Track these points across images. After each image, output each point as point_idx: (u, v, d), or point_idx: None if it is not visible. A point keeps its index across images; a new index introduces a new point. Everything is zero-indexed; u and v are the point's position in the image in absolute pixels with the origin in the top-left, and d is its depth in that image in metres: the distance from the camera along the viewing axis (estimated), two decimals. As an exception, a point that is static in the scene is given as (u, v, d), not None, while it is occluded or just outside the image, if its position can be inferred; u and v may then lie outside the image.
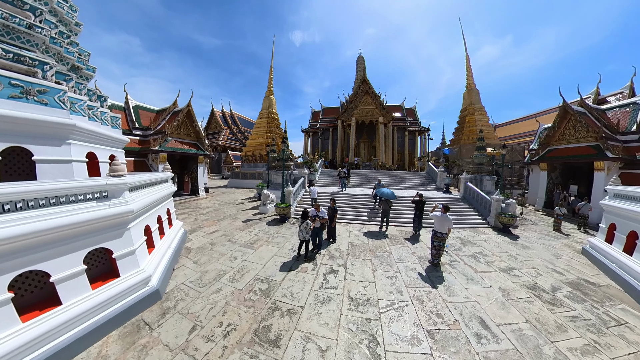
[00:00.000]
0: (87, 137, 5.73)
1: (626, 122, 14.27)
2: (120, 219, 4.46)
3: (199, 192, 18.95)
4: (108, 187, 4.30)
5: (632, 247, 6.46)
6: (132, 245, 4.78)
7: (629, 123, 14.13)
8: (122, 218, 4.47)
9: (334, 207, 9.00)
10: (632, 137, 13.47)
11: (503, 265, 7.07)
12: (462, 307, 4.95)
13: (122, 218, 4.47)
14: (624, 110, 15.10)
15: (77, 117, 5.47)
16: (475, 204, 13.72)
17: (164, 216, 7.03)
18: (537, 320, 4.60)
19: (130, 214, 4.52)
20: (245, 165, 29.24)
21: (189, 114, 18.23)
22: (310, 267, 6.74)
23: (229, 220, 11.71)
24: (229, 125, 48.27)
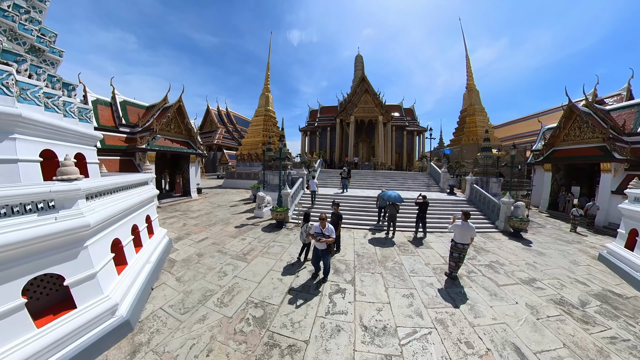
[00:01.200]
0: (43, 131, 4.66)
1: (631, 123, 13.84)
2: (73, 235, 3.43)
3: (190, 193, 17.80)
4: (54, 196, 3.27)
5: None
6: (92, 268, 3.75)
7: (634, 124, 13.71)
8: (75, 234, 3.44)
9: (338, 212, 8.01)
10: (638, 139, 13.08)
11: (524, 276, 6.50)
12: (491, 331, 4.28)
13: (75, 234, 3.44)
14: (629, 111, 14.60)
15: (27, 106, 4.40)
16: (483, 206, 13.10)
17: (141, 225, 5.98)
18: (575, 344, 4.07)
19: (86, 228, 3.49)
20: (241, 165, 28.12)
21: (179, 110, 17.06)
22: (313, 286, 5.76)
23: (221, 226, 10.65)
24: (224, 123, 46.96)
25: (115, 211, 4.36)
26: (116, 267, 4.61)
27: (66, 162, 3.39)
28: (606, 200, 12.89)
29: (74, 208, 3.44)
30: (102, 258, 4.06)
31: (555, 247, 9.10)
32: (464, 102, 31.40)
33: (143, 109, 18.19)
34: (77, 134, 5.57)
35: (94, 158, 6.29)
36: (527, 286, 6.00)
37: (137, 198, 5.56)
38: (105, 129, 15.18)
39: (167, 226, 10.21)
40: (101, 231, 4.06)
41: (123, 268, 4.85)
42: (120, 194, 4.97)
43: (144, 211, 6.30)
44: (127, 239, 5.02)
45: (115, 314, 3.99)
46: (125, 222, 5.04)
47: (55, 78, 5.73)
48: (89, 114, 6.29)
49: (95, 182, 3.97)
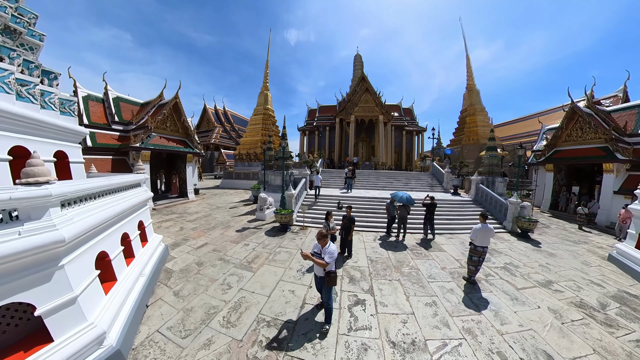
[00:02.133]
0: (12, 124, 3.87)
1: (632, 125, 13.90)
2: (44, 253, 2.68)
3: (187, 194, 16.92)
4: (16, 204, 2.52)
5: None
6: (71, 291, 3.01)
7: (635, 125, 13.76)
8: (46, 252, 2.70)
9: (351, 216, 7.43)
10: (639, 140, 13.16)
11: (540, 279, 6.39)
12: (520, 338, 4.11)
13: (46, 252, 2.70)
14: (629, 113, 14.64)
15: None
16: (489, 207, 12.82)
17: (133, 233, 5.21)
18: (604, 348, 3.97)
19: (60, 244, 2.75)
20: (239, 165, 27.25)
21: (176, 107, 16.18)
22: None
23: (221, 230, 9.89)
24: (222, 123, 45.92)
25: (100, 219, 3.61)
26: (103, 284, 3.87)
27: (33, 161, 2.63)
28: (608, 200, 12.96)
29: (44, 219, 2.69)
30: (85, 277, 3.32)
31: (564, 247, 8.99)
32: (464, 102, 31.07)
33: (137, 106, 17.24)
34: (58, 129, 4.78)
35: (78, 156, 5.50)
36: (545, 289, 5.87)
37: (128, 202, 4.80)
38: (97, 127, 14.25)
39: (162, 231, 9.41)
40: (82, 245, 3.32)
41: (112, 285, 4.10)
42: (107, 198, 4.21)
43: (137, 217, 5.53)
44: (116, 251, 4.27)
45: (103, 344, 3.27)
46: (114, 231, 4.28)
47: (33, 64, 4.92)
48: (72, 107, 5.49)
49: (74, 186, 3.21)
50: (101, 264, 3.88)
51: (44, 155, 4.50)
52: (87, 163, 11.75)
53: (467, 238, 9.02)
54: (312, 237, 9.46)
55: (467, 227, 10.72)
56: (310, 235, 9.71)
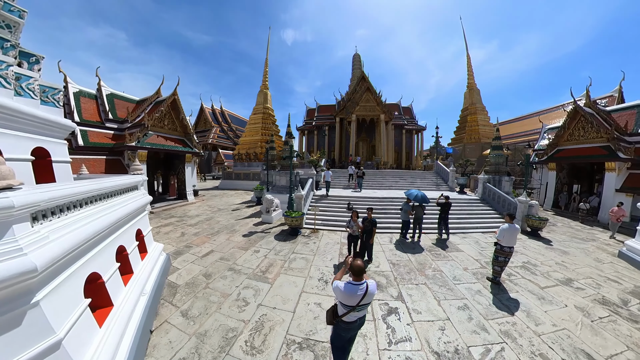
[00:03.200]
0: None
1: (632, 124, 14.11)
2: (7, 289, 1.86)
3: (186, 196, 15.95)
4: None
5: None
6: (53, 334, 2.18)
7: (635, 125, 13.97)
8: (10, 287, 1.87)
9: (372, 218, 6.80)
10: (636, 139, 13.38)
11: (560, 277, 6.35)
12: (557, 338, 4.04)
13: (10, 287, 1.87)
14: (629, 112, 14.84)
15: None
16: (496, 205, 12.71)
17: (131, 244, 4.36)
18: (636, 344, 4.00)
19: (31, 274, 1.92)
20: (239, 165, 26.30)
21: (174, 104, 15.20)
22: None
23: (226, 234, 9.04)
24: (219, 122, 44.74)
25: (88, 234, 2.78)
26: (96, 313, 3.05)
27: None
28: (611, 197, 13.04)
29: (4, 241, 1.86)
30: (71, 311, 2.49)
31: (575, 245, 9.02)
32: (465, 100, 30.70)
33: (133, 103, 16.20)
34: (37, 121, 3.90)
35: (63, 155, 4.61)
36: (567, 287, 5.85)
37: (124, 209, 3.96)
38: (89, 124, 13.21)
39: (162, 237, 8.52)
40: (65, 269, 2.48)
41: (107, 312, 3.27)
42: (97, 205, 3.36)
43: (134, 225, 4.68)
44: (111, 270, 3.43)
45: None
46: (107, 246, 3.44)
47: (8, 43, 4.03)
48: (57, 96, 4.60)
49: (50, 191, 2.35)
50: (92, 288, 3.05)
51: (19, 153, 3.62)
52: (77, 163, 10.75)
53: (480, 237, 9.40)
54: (325, 240, 8.73)
55: (478, 225, 10.84)
56: (323, 238, 8.96)
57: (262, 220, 11.07)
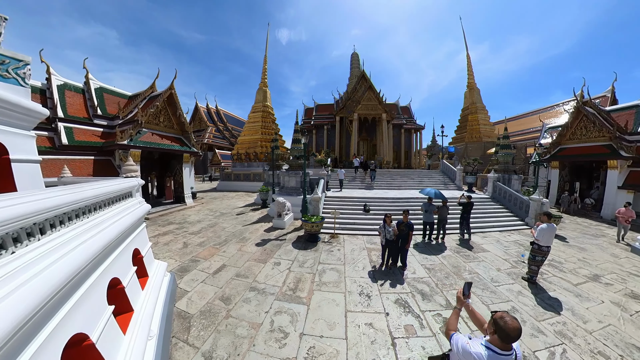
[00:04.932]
0: None
1: (632, 124, 14.39)
2: None
3: (184, 199, 14.46)
4: None
5: None
6: None
7: (635, 124, 14.26)
8: None
9: (408, 221, 6.01)
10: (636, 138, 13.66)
11: (587, 273, 6.37)
12: (607, 335, 4.00)
13: None
14: (628, 112, 15.14)
15: None
16: (508, 204, 12.58)
17: (127, 273, 3.10)
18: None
19: None
20: (238, 165, 24.86)
21: (171, 99, 13.73)
22: (415, 323, 4.08)
23: (237, 244, 7.77)
24: (214, 122, 42.93)
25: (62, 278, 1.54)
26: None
27: None
28: (613, 194, 13.35)
29: None
30: None
31: (588, 241, 9.01)
32: (465, 100, 30.23)
33: (124, 99, 14.62)
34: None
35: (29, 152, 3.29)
36: (596, 283, 5.90)
37: (115, 227, 2.71)
38: (75, 121, 11.64)
39: (161, 250, 7.19)
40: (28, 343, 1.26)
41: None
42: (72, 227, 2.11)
43: (130, 245, 3.41)
44: (103, 321, 2.19)
45: None
46: (94, 285, 2.20)
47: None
48: (22, 71, 3.29)
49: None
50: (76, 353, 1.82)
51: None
52: (59, 164, 9.19)
53: (499, 236, 9.36)
54: (349, 246, 7.71)
55: (495, 224, 10.60)
56: (346, 244, 7.94)
57: (273, 226, 9.84)
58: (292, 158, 13.25)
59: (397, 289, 5.14)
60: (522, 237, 9.44)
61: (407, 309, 4.42)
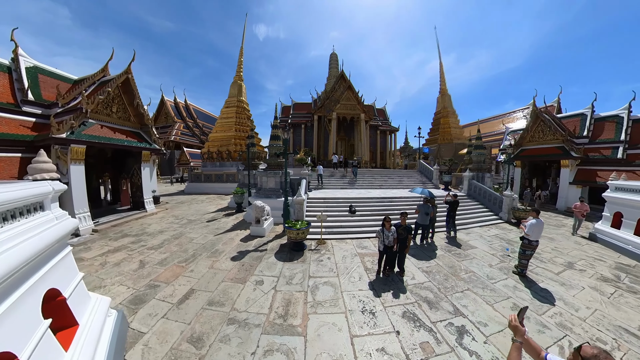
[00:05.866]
0: None
1: (578, 129, 16.84)
2: None
3: (144, 204, 12.40)
4: None
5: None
6: None
7: (580, 129, 16.68)
8: None
9: (406, 224, 5.63)
10: (583, 141, 15.89)
11: (562, 261, 6.88)
12: (597, 320, 4.22)
13: None
14: (575, 119, 17.48)
15: None
16: (483, 200, 13.35)
17: (29, 335, 1.89)
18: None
19: None
20: (209, 165, 22.76)
21: (127, 85, 11.67)
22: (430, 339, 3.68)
23: (208, 259, 6.50)
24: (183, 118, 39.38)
25: None
26: None
27: None
28: (565, 189, 15.31)
29: None
30: None
31: (554, 231, 9.77)
32: (438, 104, 31.58)
33: (67, 83, 12.14)
34: None
35: None
36: (572, 270, 6.35)
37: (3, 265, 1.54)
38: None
39: (109, 272, 5.68)
40: None
41: None
42: None
43: (37, 287, 2.18)
44: None
45: None
46: None
47: None
48: None
49: None
50: None
51: None
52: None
53: (481, 231, 9.79)
54: (339, 253, 7.00)
55: (475, 220, 11.12)
56: (335, 251, 7.20)
57: (251, 234, 8.66)
58: (270, 156, 12.08)
59: (400, 299, 4.68)
60: (500, 231, 9.93)
61: (417, 323, 3.98)
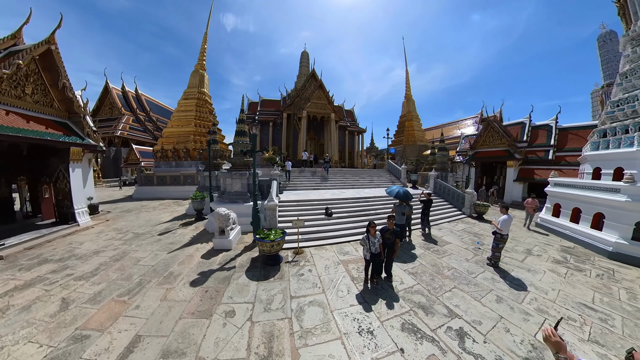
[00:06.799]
0: None
1: (519, 135, 19.75)
2: None
3: (75, 216, 9.83)
4: None
5: (577, 219, 9.08)
6: None
7: (521, 135, 19.64)
8: None
9: (394, 228, 5.44)
10: (523, 145, 18.82)
11: (522, 249, 7.76)
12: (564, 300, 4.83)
13: None
14: (517, 127, 20.54)
15: None
16: (447, 197, 14.26)
17: None
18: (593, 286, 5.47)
19: None
20: (163, 165, 19.96)
21: (48, 60, 9.04)
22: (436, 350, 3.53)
23: (160, 286, 5.12)
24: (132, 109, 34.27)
25: None
26: None
27: None
28: (511, 185, 18.16)
29: None
30: None
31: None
32: (403, 108, 33.17)
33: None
34: None
35: None
36: (532, 256, 7.15)
37: None
38: None
39: (13, 320, 4.02)
40: None
41: None
42: None
43: None
44: None
45: None
46: None
47: None
48: None
49: None
50: None
51: None
52: None
53: (450, 226, 10.47)
54: (321, 263, 6.38)
55: (443, 216, 11.86)
56: (316, 260, 6.53)
57: (214, 247, 7.36)
58: (235, 155, 10.68)
59: (395, 309, 4.40)
60: (466, 225, 10.79)
61: (418, 334, 3.76)
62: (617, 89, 10.66)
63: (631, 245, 6.92)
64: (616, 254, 7.09)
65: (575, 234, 8.75)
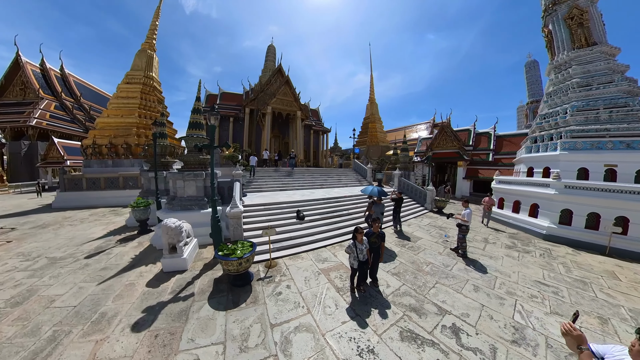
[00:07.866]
0: None
1: (466, 139, 22.93)
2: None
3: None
4: None
5: (517, 209, 10.88)
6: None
7: (468, 139, 22.86)
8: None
9: (380, 231, 5.18)
10: (470, 148, 21.96)
11: (481, 239, 8.76)
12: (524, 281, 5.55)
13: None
14: (465, 132, 23.75)
15: None
16: (411, 194, 15.40)
17: None
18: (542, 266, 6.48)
19: None
20: (95, 165, 16.49)
21: None
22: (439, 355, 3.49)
23: (86, 338, 3.71)
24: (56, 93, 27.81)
25: None
26: None
27: None
28: (460, 182, 21.19)
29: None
30: None
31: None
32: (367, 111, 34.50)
33: None
34: None
35: None
36: (490, 244, 8.07)
37: None
38: None
39: None
40: None
41: None
42: None
43: None
44: None
45: None
46: None
47: None
48: None
49: None
50: None
51: None
52: None
53: (416, 222, 11.15)
54: (300, 276, 5.73)
55: (409, 212, 12.47)
56: (293, 273, 5.85)
57: (164, 270, 5.96)
58: (189, 151, 9.07)
59: (389, 317, 4.20)
60: (430, 219, 11.67)
61: (418, 340, 3.67)
62: (543, 105, 12.83)
63: (559, 228, 8.74)
64: (549, 236, 8.79)
65: (517, 222, 10.44)
